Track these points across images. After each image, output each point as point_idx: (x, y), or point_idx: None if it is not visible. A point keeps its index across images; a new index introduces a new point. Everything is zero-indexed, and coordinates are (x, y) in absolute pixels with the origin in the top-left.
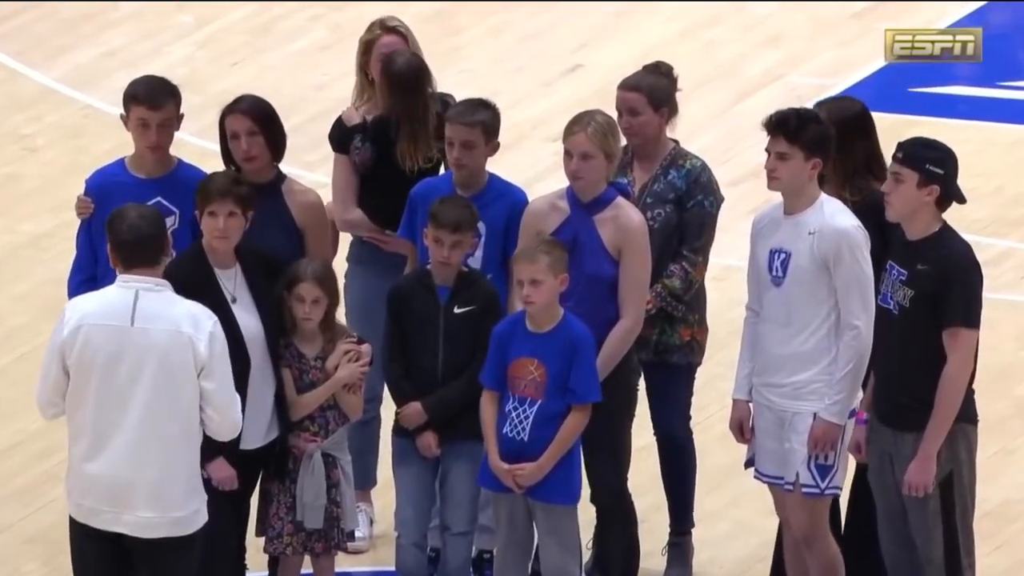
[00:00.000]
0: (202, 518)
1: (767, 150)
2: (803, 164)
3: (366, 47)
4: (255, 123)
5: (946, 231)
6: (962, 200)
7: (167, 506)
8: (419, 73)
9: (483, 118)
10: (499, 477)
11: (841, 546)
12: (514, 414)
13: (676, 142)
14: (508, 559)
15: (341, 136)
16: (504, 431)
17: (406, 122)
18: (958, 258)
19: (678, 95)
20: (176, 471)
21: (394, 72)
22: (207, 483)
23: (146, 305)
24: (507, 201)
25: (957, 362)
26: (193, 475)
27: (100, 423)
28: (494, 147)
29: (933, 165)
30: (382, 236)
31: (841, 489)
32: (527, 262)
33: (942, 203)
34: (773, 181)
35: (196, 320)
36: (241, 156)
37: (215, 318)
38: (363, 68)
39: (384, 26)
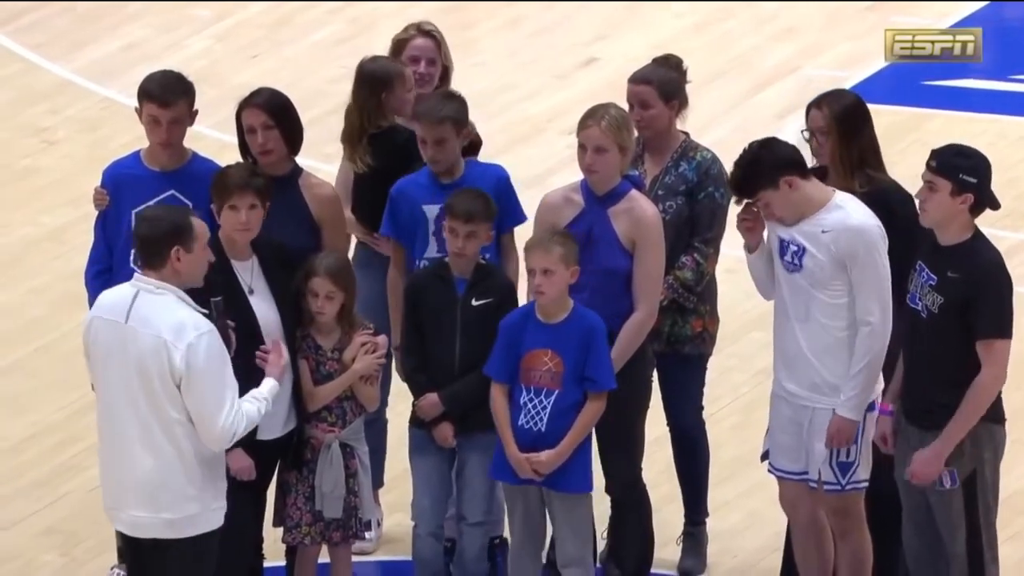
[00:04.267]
0: (202, 525)
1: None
2: (779, 192)
3: (397, 46)
4: (271, 117)
5: (978, 239)
6: (996, 206)
7: (158, 507)
8: (372, 82)
9: (449, 112)
10: (516, 467)
11: None
12: (530, 405)
13: (686, 134)
14: (523, 550)
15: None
16: (519, 423)
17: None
18: (989, 267)
19: (688, 87)
20: (167, 475)
21: (358, 69)
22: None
23: (141, 306)
24: (488, 181)
25: (992, 373)
26: (190, 482)
27: (102, 417)
28: (466, 135)
29: (966, 174)
30: (372, 239)
31: (865, 483)
32: (541, 252)
33: (975, 210)
34: (779, 221)
35: (180, 329)
36: (257, 150)
37: (205, 330)
38: None
39: (420, 28)
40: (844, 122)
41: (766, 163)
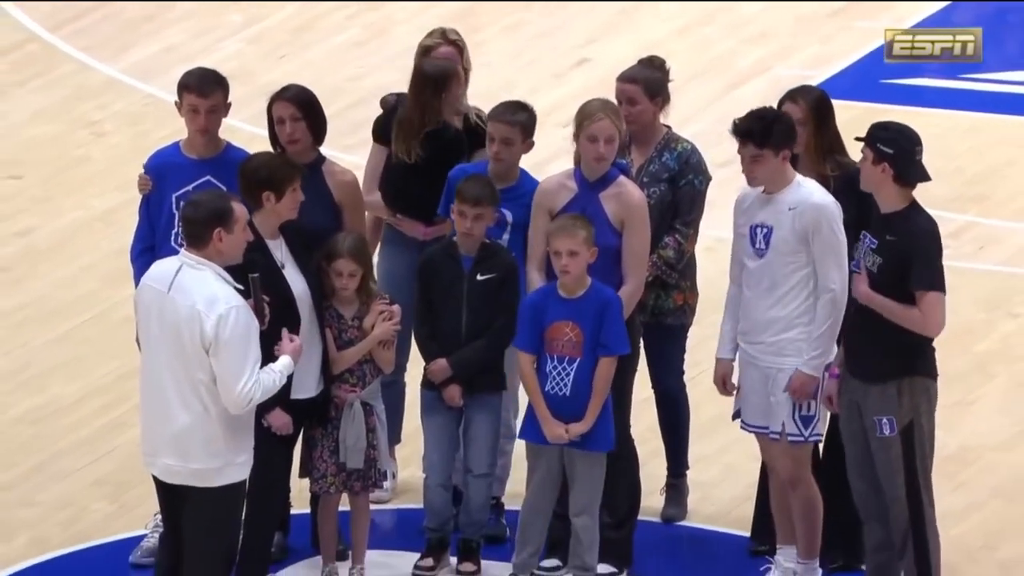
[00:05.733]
0: (228, 477)
1: (740, 153)
2: (775, 159)
3: (425, 52)
4: (298, 109)
5: (914, 208)
6: (923, 178)
7: (187, 458)
8: (434, 81)
9: (522, 119)
10: (549, 433)
11: (818, 484)
12: (555, 373)
13: (669, 127)
14: (538, 504)
15: (376, 127)
16: (546, 389)
17: (403, 112)
18: (922, 232)
19: (671, 85)
20: (196, 429)
21: (418, 70)
22: (265, 431)
23: (183, 278)
24: (527, 199)
25: (923, 316)
26: (217, 437)
27: (144, 373)
28: (529, 145)
29: (883, 144)
30: (393, 219)
31: (823, 436)
32: (567, 235)
33: (901, 180)
34: (752, 180)
35: (212, 301)
36: (286, 139)
37: (236, 305)
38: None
39: (445, 37)
40: (818, 112)
41: (785, 130)
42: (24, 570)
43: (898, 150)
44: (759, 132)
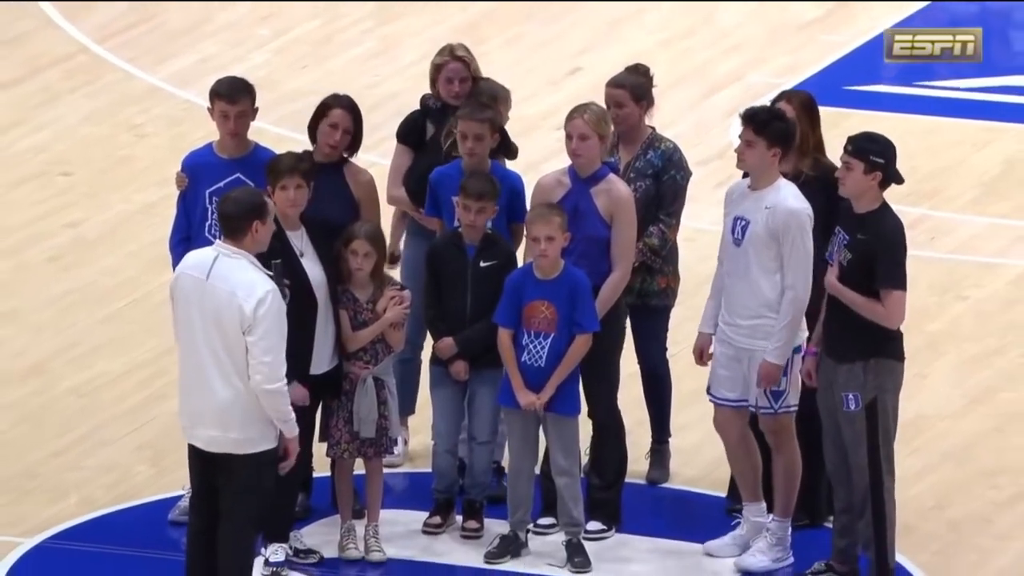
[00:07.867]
0: (265, 444)
1: (740, 137)
2: (765, 152)
3: (436, 69)
4: (353, 123)
5: (885, 208)
6: (900, 181)
7: (227, 428)
8: (493, 97)
9: (489, 115)
10: (521, 401)
11: None
12: (531, 346)
13: (653, 128)
14: (521, 464)
15: (401, 130)
16: (523, 360)
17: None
18: (891, 232)
19: (655, 90)
20: (235, 402)
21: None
22: None
23: (221, 267)
24: (507, 185)
25: (886, 311)
26: (255, 407)
27: (183, 354)
28: (495, 139)
29: (875, 156)
30: (416, 212)
31: (795, 407)
32: (544, 222)
33: (884, 184)
34: (741, 162)
35: (251, 287)
36: (331, 143)
37: (272, 289)
38: (433, 84)
39: (453, 54)
40: (810, 110)
41: (782, 129)
42: (74, 527)
43: (888, 160)
44: (760, 121)
